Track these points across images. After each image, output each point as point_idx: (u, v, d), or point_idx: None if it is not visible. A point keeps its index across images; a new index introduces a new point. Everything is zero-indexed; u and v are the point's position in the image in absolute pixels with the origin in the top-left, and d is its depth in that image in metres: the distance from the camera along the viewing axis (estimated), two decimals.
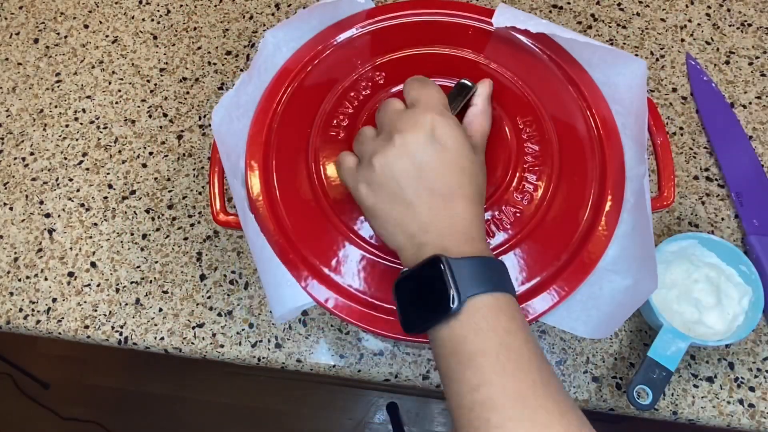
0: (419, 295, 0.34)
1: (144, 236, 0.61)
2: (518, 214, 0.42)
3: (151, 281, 0.59)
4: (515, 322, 0.32)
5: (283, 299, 0.41)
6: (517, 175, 0.43)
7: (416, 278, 0.34)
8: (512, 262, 0.41)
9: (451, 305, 0.32)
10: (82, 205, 0.63)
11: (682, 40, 0.69)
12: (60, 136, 0.67)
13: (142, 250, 0.61)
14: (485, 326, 0.32)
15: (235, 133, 0.46)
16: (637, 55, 0.68)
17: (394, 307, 0.40)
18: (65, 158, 0.66)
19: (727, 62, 0.67)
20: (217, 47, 0.71)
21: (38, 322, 0.58)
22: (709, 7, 0.70)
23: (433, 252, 0.34)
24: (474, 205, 0.36)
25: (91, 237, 0.62)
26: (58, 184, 0.64)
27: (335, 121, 0.46)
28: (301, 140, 0.46)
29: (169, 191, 0.63)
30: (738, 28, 0.69)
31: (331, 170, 0.44)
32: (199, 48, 0.71)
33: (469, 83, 0.42)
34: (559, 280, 0.40)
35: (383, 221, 0.37)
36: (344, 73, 0.48)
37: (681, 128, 0.64)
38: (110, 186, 0.64)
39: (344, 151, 0.41)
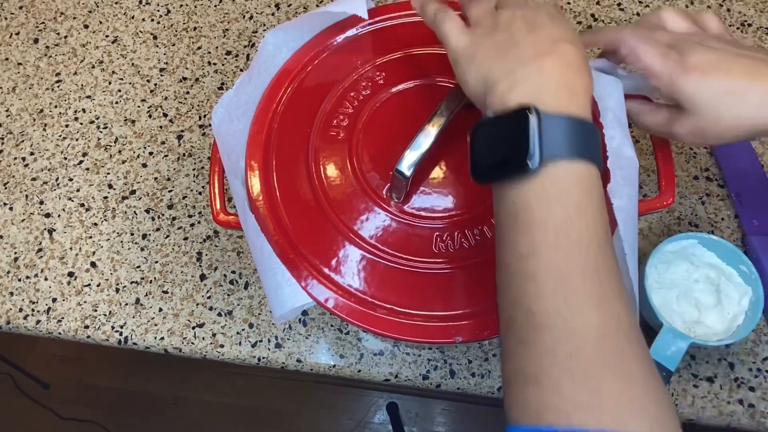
0: (498, 144, 0.32)
1: (144, 236, 0.61)
2: None
3: (151, 281, 0.59)
4: (589, 198, 0.30)
5: (283, 299, 0.41)
6: None
7: (500, 125, 0.32)
8: None
9: (528, 163, 0.29)
10: (82, 205, 0.63)
11: None
12: (60, 136, 0.67)
13: (142, 250, 0.61)
14: (555, 196, 0.30)
15: (235, 133, 0.46)
16: None
17: (395, 307, 0.40)
18: (65, 158, 0.66)
19: None
20: (217, 47, 0.71)
21: (38, 322, 0.58)
22: (709, 7, 0.70)
23: (526, 97, 0.31)
24: (582, 54, 0.34)
25: (91, 237, 0.62)
26: (58, 184, 0.64)
27: (335, 121, 0.46)
28: (301, 140, 0.46)
29: (169, 191, 0.63)
30: (738, 28, 0.69)
31: (331, 170, 0.44)
32: (199, 48, 0.71)
33: None
34: None
35: (480, 58, 0.35)
36: (344, 73, 0.48)
37: None
38: (110, 186, 0.64)
39: None
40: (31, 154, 0.66)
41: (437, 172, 0.43)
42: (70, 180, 0.64)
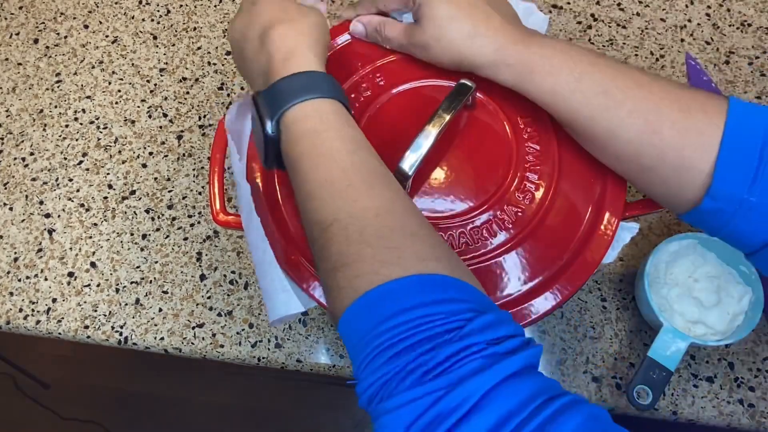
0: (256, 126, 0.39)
1: (144, 236, 0.61)
2: (520, 214, 0.42)
3: (151, 281, 0.59)
4: (324, 122, 0.36)
5: (282, 303, 0.41)
6: (518, 174, 0.43)
7: (254, 120, 0.39)
8: (514, 261, 0.41)
9: (270, 132, 0.37)
10: (82, 205, 0.63)
11: (682, 40, 0.69)
12: (60, 136, 0.67)
13: (142, 250, 0.61)
14: (298, 135, 0.36)
15: (245, 131, 0.46)
16: (636, 55, 0.68)
17: None
18: (65, 158, 0.66)
19: (727, 62, 0.67)
20: (216, 47, 0.71)
21: (38, 322, 0.58)
22: (709, 7, 0.71)
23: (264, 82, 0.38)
24: (296, 32, 0.39)
25: (91, 237, 0.61)
26: (58, 184, 0.64)
27: None
28: None
29: (169, 191, 0.63)
30: (738, 28, 0.69)
31: None
32: (199, 48, 0.71)
33: (469, 83, 0.42)
34: (562, 279, 0.40)
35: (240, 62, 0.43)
36: (344, 75, 0.48)
37: None
38: (110, 186, 0.64)
39: None
40: (31, 154, 0.66)
41: (438, 173, 0.43)
42: (70, 180, 0.64)
